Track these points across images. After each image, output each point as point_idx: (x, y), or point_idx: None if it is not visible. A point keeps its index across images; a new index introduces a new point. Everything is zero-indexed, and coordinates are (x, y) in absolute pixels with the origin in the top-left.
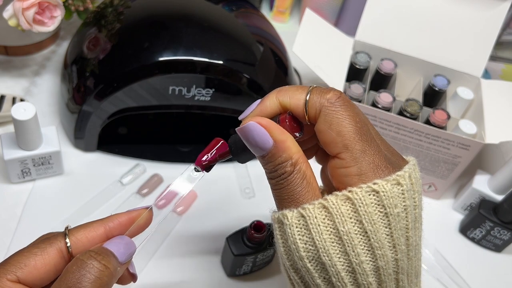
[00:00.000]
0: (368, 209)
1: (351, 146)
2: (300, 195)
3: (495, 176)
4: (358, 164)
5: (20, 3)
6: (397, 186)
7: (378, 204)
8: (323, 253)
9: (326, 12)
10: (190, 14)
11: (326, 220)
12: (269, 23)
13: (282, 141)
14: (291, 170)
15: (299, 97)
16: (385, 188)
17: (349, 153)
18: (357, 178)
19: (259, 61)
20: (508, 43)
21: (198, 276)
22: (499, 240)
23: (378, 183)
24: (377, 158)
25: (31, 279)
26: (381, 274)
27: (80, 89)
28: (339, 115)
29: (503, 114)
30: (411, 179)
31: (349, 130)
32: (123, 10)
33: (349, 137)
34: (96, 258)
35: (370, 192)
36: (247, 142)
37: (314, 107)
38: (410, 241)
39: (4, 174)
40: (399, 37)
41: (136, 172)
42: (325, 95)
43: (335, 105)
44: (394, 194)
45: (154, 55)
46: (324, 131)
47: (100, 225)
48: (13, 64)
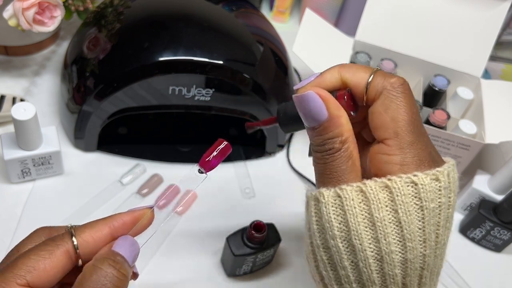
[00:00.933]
0: (405, 199)
1: (402, 135)
2: (343, 174)
3: (495, 176)
4: (403, 154)
5: (20, 3)
6: (435, 181)
7: (415, 196)
8: (355, 236)
9: (326, 12)
10: (190, 14)
11: (362, 204)
12: (269, 23)
13: (338, 116)
14: (339, 147)
15: (362, 75)
16: (424, 181)
17: (398, 141)
18: (399, 167)
19: (259, 61)
20: (508, 43)
21: (198, 276)
22: (499, 240)
23: (418, 175)
24: (423, 153)
25: (40, 283)
26: (407, 267)
27: (80, 89)
28: (398, 101)
29: (503, 114)
30: (449, 177)
31: (404, 118)
32: (123, 10)
33: (402, 125)
34: (115, 266)
35: (409, 183)
36: (302, 111)
37: (375, 89)
38: (439, 239)
39: (4, 174)
40: (399, 37)
41: (136, 172)
42: (389, 79)
43: (397, 90)
44: (431, 189)
45: (154, 55)
46: (379, 113)
47: (105, 225)
48: (13, 64)
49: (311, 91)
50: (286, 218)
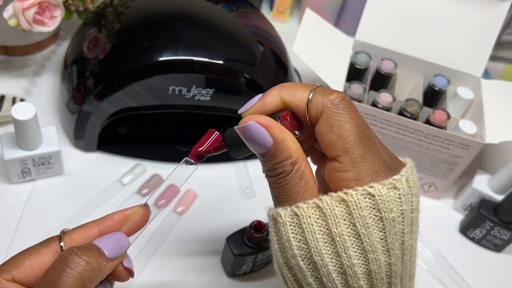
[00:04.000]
0: (362, 212)
1: (351, 150)
2: (298, 195)
3: (495, 176)
4: (356, 169)
5: (20, 3)
6: (393, 190)
7: (373, 207)
8: (315, 253)
9: (326, 12)
10: (190, 14)
11: (320, 220)
12: (269, 23)
13: (282, 140)
14: (289, 170)
15: (301, 95)
16: (381, 192)
17: (349, 157)
18: (355, 183)
19: (259, 61)
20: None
21: (198, 276)
22: (499, 240)
23: (375, 186)
24: (377, 164)
25: (25, 279)
26: (373, 278)
27: (80, 89)
28: (341, 117)
29: (503, 114)
30: (408, 182)
31: (350, 133)
32: (123, 10)
33: (350, 141)
34: (77, 253)
35: (366, 195)
36: (247, 140)
37: (316, 107)
38: (406, 245)
39: (4, 174)
40: (399, 37)
41: (136, 172)
42: (329, 96)
43: (338, 107)
44: (390, 199)
45: (154, 55)
46: (324, 133)
47: (94, 225)
48: (13, 64)
49: (251, 121)
50: None
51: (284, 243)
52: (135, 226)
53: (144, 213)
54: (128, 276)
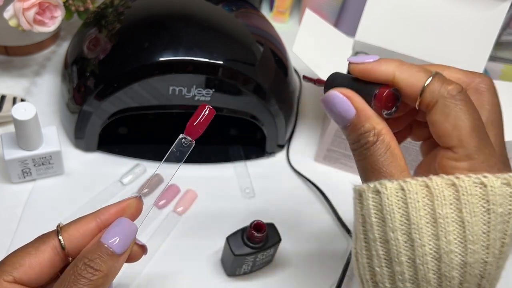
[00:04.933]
0: (471, 199)
1: (467, 141)
2: (384, 166)
3: None
4: (471, 161)
5: (21, 3)
6: (506, 186)
7: (483, 198)
8: (415, 231)
9: (326, 12)
10: (190, 14)
11: (426, 200)
12: (269, 23)
13: (364, 110)
14: (374, 140)
15: (419, 78)
16: (494, 183)
17: (464, 148)
18: (467, 172)
19: (259, 61)
20: (508, 43)
21: (198, 276)
22: None
23: (488, 177)
24: (491, 158)
25: (27, 278)
26: (466, 272)
27: (80, 89)
28: (458, 108)
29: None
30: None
31: (466, 125)
32: (123, 10)
33: (466, 132)
34: (89, 264)
35: (478, 184)
36: (330, 111)
37: (432, 95)
38: (504, 249)
39: (4, 174)
40: (399, 37)
41: (136, 172)
42: (447, 86)
43: (455, 97)
44: (502, 192)
45: (154, 55)
46: (439, 122)
47: (91, 219)
48: (13, 64)
49: (335, 91)
50: (286, 218)
51: (386, 215)
52: (130, 218)
53: (137, 204)
54: (142, 254)
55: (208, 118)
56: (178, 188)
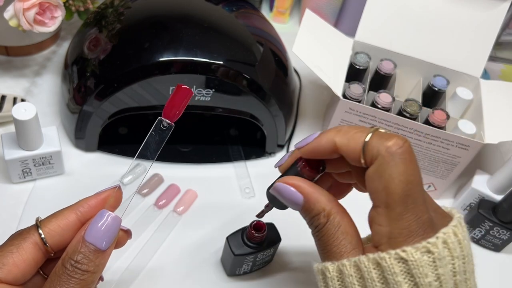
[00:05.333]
0: (396, 278)
1: (391, 206)
2: (334, 246)
3: (494, 176)
4: (390, 227)
5: (21, 3)
6: (427, 254)
7: (407, 273)
8: None
9: (326, 13)
10: (190, 15)
11: (361, 280)
12: (269, 24)
13: (312, 193)
14: (324, 222)
15: (358, 138)
16: (414, 256)
17: (387, 212)
18: (386, 240)
19: (259, 61)
20: (507, 43)
21: (198, 276)
22: (498, 240)
23: (407, 251)
24: (415, 224)
25: (12, 277)
26: None
27: (80, 89)
28: (393, 170)
29: (502, 114)
30: (447, 244)
31: (396, 190)
32: (123, 11)
33: (394, 197)
34: (76, 266)
35: (399, 260)
36: (282, 200)
37: (371, 153)
38: None
39: (5, 174)
40: (398, 38)
41: (136, 172)
42: (386, 142)
43: (393, 156)
44: (424, 263)
45: (154, 55)
46: (372, 179)
47: (71, 212)
48: (13, 64)
49: (279, 183)
50: (286, 218)
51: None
52: (111, 208)
53: (117, 194)
54: (127, 239)
55: (184, 98)
56: (178, 188)
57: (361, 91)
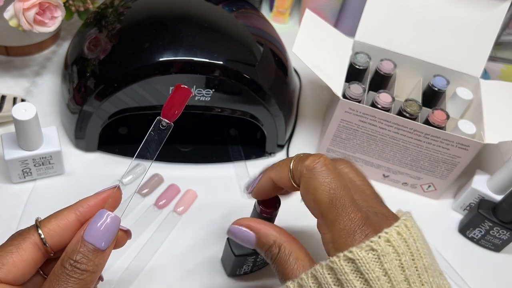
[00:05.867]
0: (348, 277)
1: (325, 214)
2: (290, 270)
3: (494, 176)
4: (330, 233)
5: (21, 3)
6: (371, 251)
7: (357, 271)
8: None
9: (326, 13)
10: (190, 15)
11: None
12: (269, 24)
13: (261, 229)
14: (276, 252)
15: (284, 169)
16: (359, 255)
17: (324, 221)
18: (331, 245)
19: (259, 61)
20: (507, 43)
21: (198, 276)
22: (498, 240)
23: (353, 251)
24: (350, 225)
25: (12, 277)
26: None
27: (80, 89)
28: (315, 183)
29: (502, 114)
30: (390, 242)
31: (321, 198)
32: (123, 11)
33: (323, 205)
34: (75, 265)
35: (348, 260)
36: (238, 240)
37: (297, 176)
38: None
39: (5, 174)
40: (398, 38)
41: (136, 172)
42: (304, 162)
43: (312, 172)
44: (369, 260)
45: (154, 55)
46: (304, 196)
47: (70, 212)
48: (13, 64)
49: (232, 225)
50: (286, 218)
51: None
52: (110, 208)
53: (116, 194)
54: (126, 239)
55: (184, 98)
56: (178, 188)
57: (361, 91)
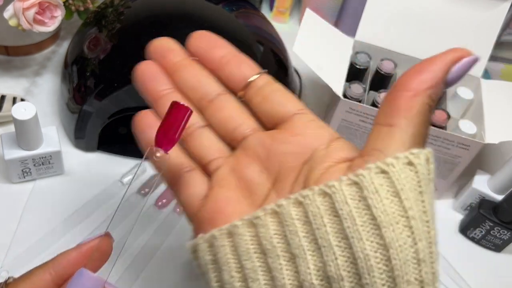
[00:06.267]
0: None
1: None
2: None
3: (495, 176)
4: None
5: (21, 3)
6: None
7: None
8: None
9: (326, 12)
10: (190, 14)
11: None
12: (269, 23)
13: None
14: None
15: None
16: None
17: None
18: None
19: (259, 61)
20: (508, 43)
21: (198, 277)
22: (499, 240)
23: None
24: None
25: None
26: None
27: (80, 89)
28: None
29: (503, 114)
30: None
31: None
32: (123, 10)
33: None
34: None
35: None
36: None
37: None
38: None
39: (4, 174)
40: (399, 37)
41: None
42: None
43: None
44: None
45: None
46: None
47: (45, 271)
48: (13, 64)
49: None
50: None
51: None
52: (97, 263)
53: (105, 245)
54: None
55: (182, 119)
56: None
57: (361, 91)
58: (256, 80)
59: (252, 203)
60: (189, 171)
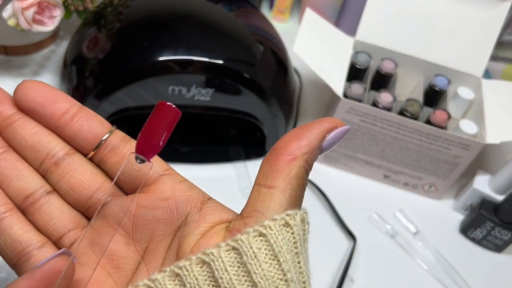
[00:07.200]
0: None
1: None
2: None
3: (496, 176)
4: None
5: (20, 2)
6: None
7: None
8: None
9: (326, 12)
10: (190, 14)
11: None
12: (269, 23)
13: None
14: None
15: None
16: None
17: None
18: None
19: (259, 61)
20: (509, 43)
21: None
22: (500, 241)
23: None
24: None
25: None
26: None
27: (79, 89)
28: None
29: (504, 114)
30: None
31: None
32: (122, 10)
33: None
34: None
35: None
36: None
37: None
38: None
39: None
40: (399, 37)
41: None
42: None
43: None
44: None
45: (154, 55)
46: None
47: None
48: (12, 64)
49: None
50: None
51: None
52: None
53: (58, 269)
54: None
55: (169, 122)
56: None
57: (361, 91)
58: (109, 137)
59: (119, 281)
60: (40, 248)
